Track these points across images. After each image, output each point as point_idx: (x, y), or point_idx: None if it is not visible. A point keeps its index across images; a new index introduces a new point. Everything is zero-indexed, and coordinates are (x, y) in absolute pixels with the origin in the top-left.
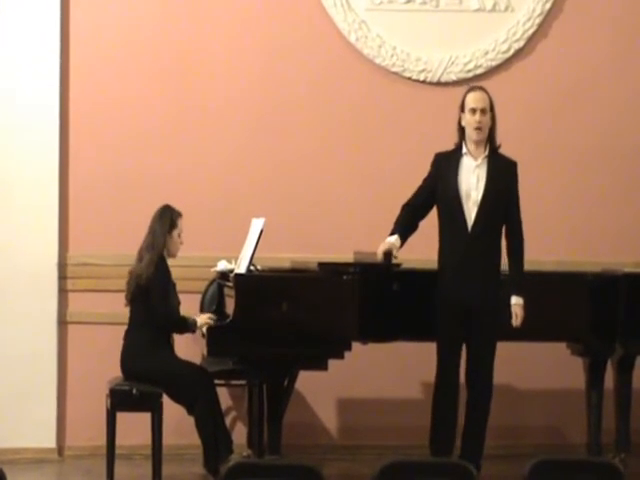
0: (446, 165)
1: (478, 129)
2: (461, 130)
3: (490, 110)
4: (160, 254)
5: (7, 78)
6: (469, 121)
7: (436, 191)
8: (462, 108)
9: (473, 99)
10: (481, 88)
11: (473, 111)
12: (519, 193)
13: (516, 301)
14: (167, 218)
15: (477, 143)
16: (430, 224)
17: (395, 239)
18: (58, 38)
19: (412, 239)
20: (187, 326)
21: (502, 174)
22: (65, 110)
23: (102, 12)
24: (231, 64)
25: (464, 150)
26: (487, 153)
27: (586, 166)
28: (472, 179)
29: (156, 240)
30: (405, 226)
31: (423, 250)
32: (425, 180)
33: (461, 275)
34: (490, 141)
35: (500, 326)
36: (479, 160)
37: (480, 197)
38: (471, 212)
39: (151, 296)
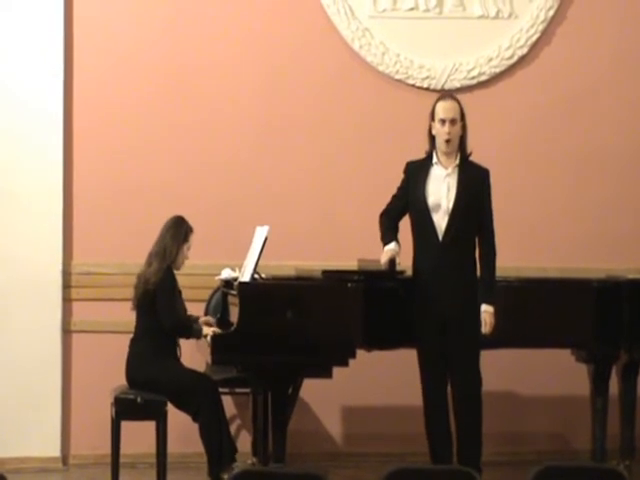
0: (416, 174)
1: (448, 141)
2: (431, 138)
3: (461, 119)
4: (169, 264)
5: (10, 87)
6: (439, 132)
7: (408, 199)
8: (432, 117)
9: (442, 109)
10: (451, 96)
11: (442, 122)
12: (492, 201)
13: (486, 309)
14: (182, 230)
15: (447, 154)
16: None
17: (394, 245)
18: (62, 47)
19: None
20: (191, 332)
21: (474, 183)
22: (69, 118)
23: (106, 21)
24: (235, 72)
25: (434, 159)
26: (458, 162)
27: (589, 172)
28: (442, 188)
29: (168, 249)
30: (394, 233)
31: None
32: (399, 189)
33: (435, 285)
34: (461, 150)
35: (502, 334)
36: (449, 169)
37: (451, 206)
38: (441, 222)
39: (158, 302)
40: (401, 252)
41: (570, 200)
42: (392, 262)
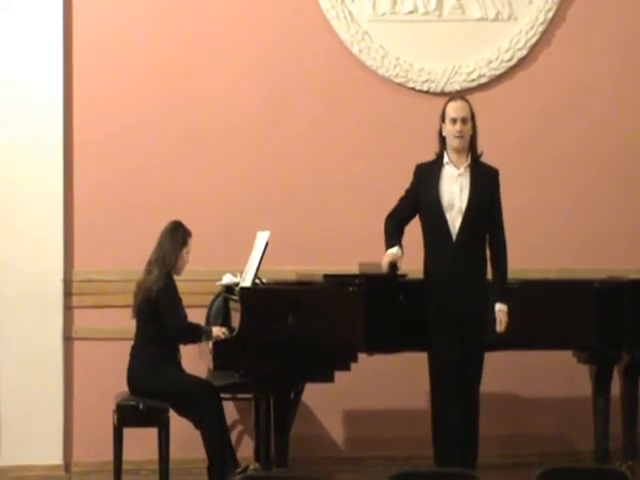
0: (428, 175)
1: (458, 137)
2: (442, 140)
3: (471, 119)
4: (169, 270)
5: (10, 92)
6: (450, 130)
7: (418, 201)
8: (443, 118)
9: (453, 109)
10: (462, 97)
11: (454, 121)
12: (501, 200)
13: (500, 307)
14: (180, 235)
15: (458, 152)
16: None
17: (397, 250)
18: (61, 47)
19: (413, 250)
20: (201, 333)
21: (485, 182)
22: (69, 125)
23: (106, 22)
24: (235, 78)
25: (445, 159)
26: (469, 162)
27: (589, 174)
28: (455, 188)
29: (167, 256)
30: (398, 237)
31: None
32: (407, 191)
33: (449, 285)
34: (472, 150)
35: (504, 336)
36: (461, 169)
37: (464, 206)
38: (455, 221)
39: (160, 310)
40: (403, 257)
41: (570, 201)
42: (393, 265)
